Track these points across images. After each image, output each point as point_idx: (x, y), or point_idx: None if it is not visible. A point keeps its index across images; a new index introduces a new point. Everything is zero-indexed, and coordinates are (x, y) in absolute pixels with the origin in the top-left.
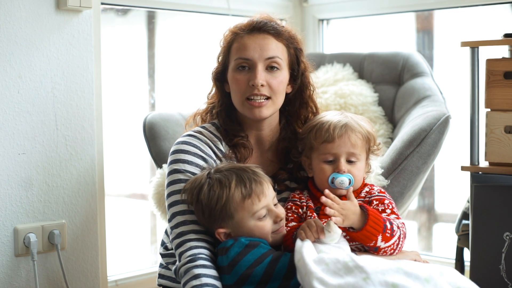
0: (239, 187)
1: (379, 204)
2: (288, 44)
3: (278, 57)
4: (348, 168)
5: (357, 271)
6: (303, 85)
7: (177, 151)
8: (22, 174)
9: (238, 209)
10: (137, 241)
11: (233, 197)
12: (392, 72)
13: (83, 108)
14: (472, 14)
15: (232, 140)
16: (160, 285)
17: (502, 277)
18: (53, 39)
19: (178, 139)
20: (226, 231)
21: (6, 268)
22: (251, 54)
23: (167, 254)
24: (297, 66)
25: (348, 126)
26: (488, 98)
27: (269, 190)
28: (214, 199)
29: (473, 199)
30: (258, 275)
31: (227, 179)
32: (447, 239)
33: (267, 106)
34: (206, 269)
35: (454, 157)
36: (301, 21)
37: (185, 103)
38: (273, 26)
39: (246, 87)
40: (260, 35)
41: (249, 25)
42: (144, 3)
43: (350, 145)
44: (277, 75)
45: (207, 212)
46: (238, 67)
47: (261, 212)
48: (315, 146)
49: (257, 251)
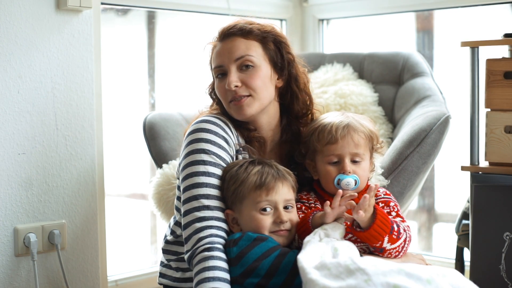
0: (256, 175)
1: (384, 206)
2: (262, 39)
3: (248, 55)
4: (353, 169)
5: (359, 273)
6: (291, 77)
7: (196, 130)
8: (22, 174)
9: (246, 194)
10: (137, 241)
11: (247, 181)
12: (392, 72)
13: (83, 108)
14: (472, 14)
15: (244, 134)
16: (160, 284)
17: (502, 277)
18: (53, 39)
19: (195, 121)
20: (233, 215)
21: (6, 268)
22: (221, 60)
23: (169, 250)
24: (280, 58)
25: (351, 126)
26: (488, 98)
27: (283, 190)
28: (239, 175)
29: (473, 199)
30: (264, 268)
31: (254, 165)
32: (447, 239)
33: (247, 103)
34: (221, 261)
35: (454, 157)
36: (301, 21)
37: (185, 103)
38: (240, 27)
39: (226, 92)
40: (229, 40)
41: (220, 34)
42: (144, 3)
43: (354, 145)
44: (252, 72)
45: (230, 184)
46: (217, 76)
47: (262, 204)
48: (318, 148)
49: (264, 245)
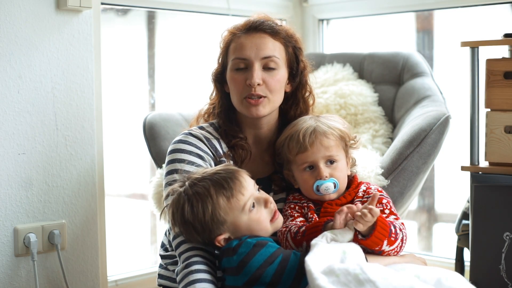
0: (219, 191)
1: (377, 204)
2: (286, 43)
3: (275, 56)
4: (329, 173)
5: (368, 285)
6: (300, 84)
7: (173, 151)
8: (22, 174)
9: (227, 212)
10: (137, 241)
11: (218, 203)
12: (392, 72)
13: (83, 108)
14: (472, 14)
15: (231, 141)
16: (160, 285)
17: (502, 277)
18: (53, 39)
19: (174, 139)
20: (225, 236)
21: (6, 268)
22: (248, 54)
23: (167, 256)
24: (296, 65)
25: (317, 131)
26: (488, 98)
27: (247, 181)
28: (200, 213)
29: (473, 199)
30: (269, 276)
31: (205, 189)
32: (447, 239)
33: (263, 104)
34: (201, 273)
35: (454, 157)
36: (301, 21)
37: (185, 103)
38: (270, 25)
39: (244, 87)
40: (257, 35)
41: (246, 25)
42: (144, 3)
43: (324, 149)
44: (274, 74)
45: (199, 228)
46: (236, 67)
47: (248, 204)
48: (291, 158)
49: (266, 251)
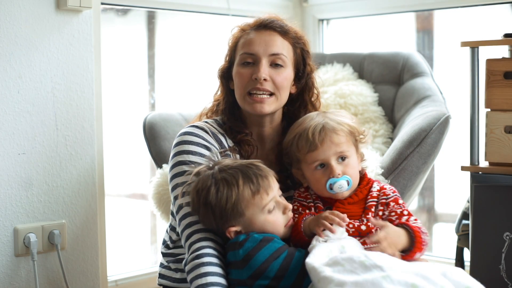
0: (247, 184)
1: (395, 206)
2: (295, 44)
3: (283, 55)
4: (342, 170)
5: (375, 270)
6: (307, 87)
7: (180, 143)
8: (22, 174)
9: (248, 206)
10: (137, 241)
11: (243, 194)
12: (392, 72)
13: (83, 108)
14: (472, 14)
15: (236, 136)
16: (160, 285)
17: (502, 277)
18: (53, 39)
19: (180, 131)
20: (237, 229)
21: (6, 268)
22: (256, 49)
23: (169, 253)
24: (302, 67)
25: (327, 128)
26: (488, 98)
27: (275, 183)
28: (224, 199)
29: (473, 199)
30: (274, 270)
31: (233, 177)
32: (447, 239)
33: (269, 103)
34: (212, 266)
35: (454, 157)
36: (301, 21)
37: (185, 103)
38: (280, 24)
39: (249, 81)
40: (266, 32)
41: (257, 23)
42: (144, 3)
43: (335, 146)
44: (281, 71)
45: (218, 213)
46: (243, 62)
47: (270, 205)
48: (301, 157)
49: (272, 246)
